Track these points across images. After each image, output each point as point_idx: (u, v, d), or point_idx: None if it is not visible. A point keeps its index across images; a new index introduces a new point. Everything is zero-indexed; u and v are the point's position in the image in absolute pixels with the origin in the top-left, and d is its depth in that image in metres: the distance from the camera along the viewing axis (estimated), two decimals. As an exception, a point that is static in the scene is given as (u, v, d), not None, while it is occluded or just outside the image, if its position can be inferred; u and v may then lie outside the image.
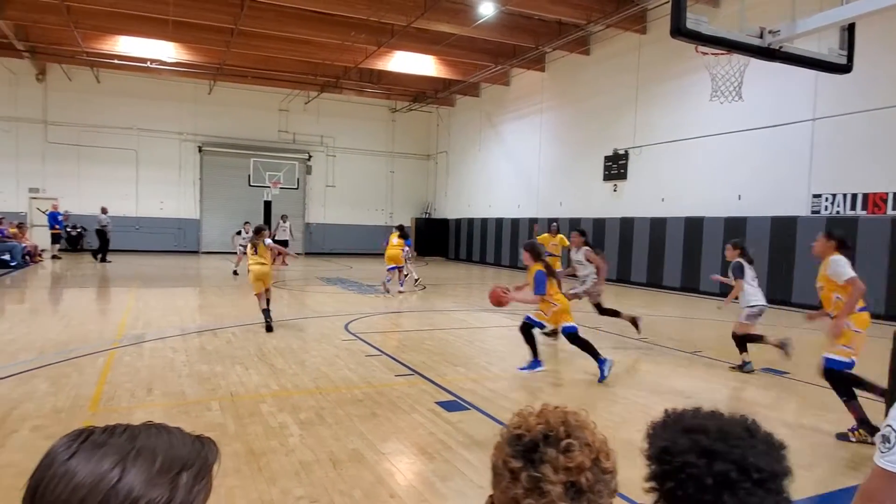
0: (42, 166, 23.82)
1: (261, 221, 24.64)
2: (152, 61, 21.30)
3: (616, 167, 18.06)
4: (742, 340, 6.92)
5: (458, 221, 27.71)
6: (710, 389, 6.20)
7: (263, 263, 8.99)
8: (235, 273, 16.84)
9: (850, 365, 4.67)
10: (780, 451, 0.97)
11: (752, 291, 6.95)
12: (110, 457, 0.68)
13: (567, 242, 13.37)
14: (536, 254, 6.48)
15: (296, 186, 26.49)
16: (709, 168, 15.07)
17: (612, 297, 15.26)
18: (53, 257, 20.79)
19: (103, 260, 20.09)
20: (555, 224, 13.83)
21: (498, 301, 6.39)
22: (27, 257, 18.28)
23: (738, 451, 0.93)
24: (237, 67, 22.32)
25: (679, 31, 5.68)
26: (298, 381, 6.01)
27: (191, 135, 25.96)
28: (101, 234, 20.53)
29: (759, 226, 13.54)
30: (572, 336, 6.30)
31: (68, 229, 23.29)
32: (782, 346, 6.70)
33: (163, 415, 4.81)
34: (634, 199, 17.39)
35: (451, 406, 5.23)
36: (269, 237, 9.56)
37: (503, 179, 24.22)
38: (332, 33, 18.12)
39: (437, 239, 28.60)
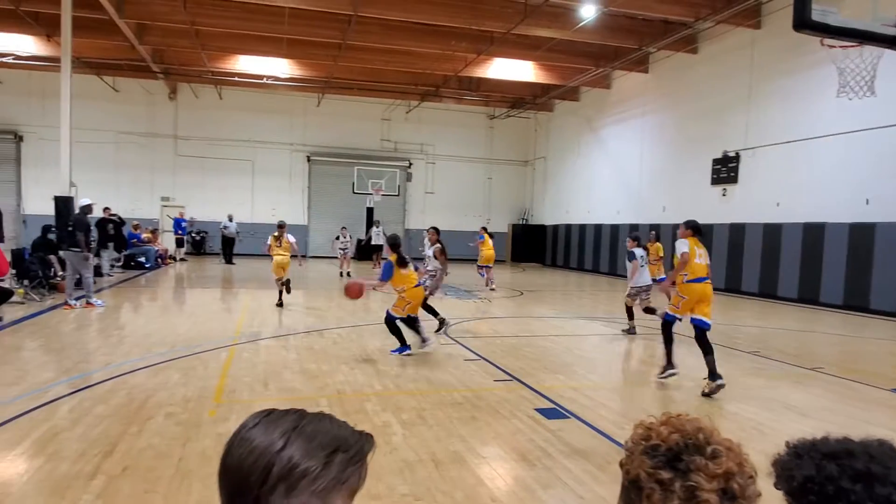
0: (172, 177, 26.21)
1: (363, 227, 25.72)
2: (268, 77, 22.85)
3: (725, 170, 17.11)
4: (638, 311, 9.35)
5: (555, 228, 27.37)
6: (831, 410, 5.73)
7: (284, 255, 11.45)
8: (341, 275, 17.76)
9: (674, 318, 6.44)
10: None
11: (636, 275, 9.31)
12: (280, 430, 0.84)
13: (663, 251, 13.20)
14: (392, 247, 7.60)
15: (397, 193, 27.27)
16: (832, 170, 13.90)
17: (720, 306, 14.47)
18: (181, 259, 22.78)
19: (229, 262, 21.94)
20: (653, 232, 13.73)
21: (356, 292, 7.19)
22: (159, 260, 20.15)
23: (895, 473, 0.88)
24: (344, 80, 23.41)
25: (804, 24, 5.30)
26: (400, 382, 6.22)
27: (300, 145, 27.53)
28: (224, 238, 22.57)
29: (891, 232, 12.34)
30: (389, 321, 7.41)
31: (192, 234, 25.47)
32: (650, 311, 9.10)
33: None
34: (746, 204, 16.38)
35: (550, 413, 5.21)
36: (288, 233, 11.94)
37: (603, 185, 23.64)
38: (433, 43, 18.57)
39: (534, 245, 28.40)
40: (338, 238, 20.19)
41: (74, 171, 14.28)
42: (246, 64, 21.91)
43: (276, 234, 11.75)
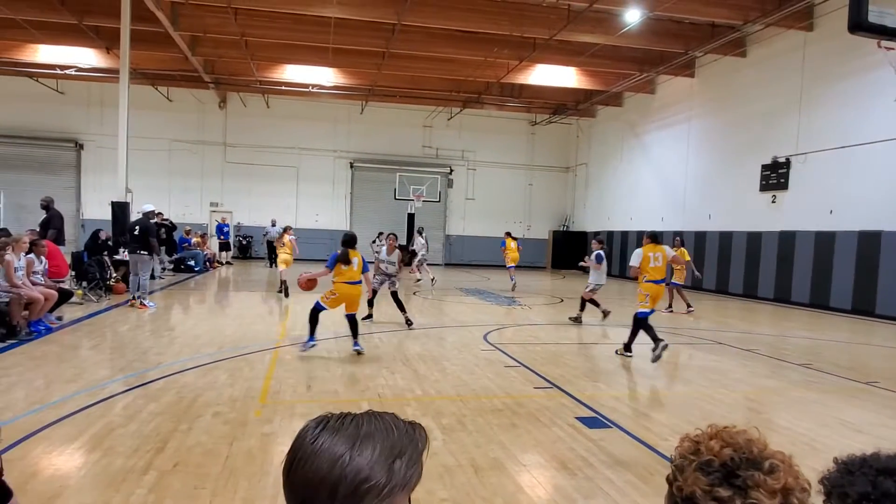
0: (221, 183, 27.03)
1: (404, 233, 25.93)
2: (313, 86, 23.34)
3: (775, 176, 16.60)
4: (584, 302, 11.00)
5: (596, 234, 27.01)
6: (887, 426, 5.49)
7: (288, 254, 13.76)
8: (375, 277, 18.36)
9: (646, 314, 7.66)
10: None
11: (598, 274, 11.03)
12: (343, 442, 0.86)
13: (688, 256, 13.79)
14: (345, 242, 7.96)
15: (437, 199, 27.42)
16: (888, 176, 13.31)
17: (768, 316, 14.05)
18: (227, 263, 23.43)
19: (273, 265, 22.58)
20: (678, 238, 14.27)
21: (305, 286, 7.74)
22: (207, 263, 20.77)
23: None
24: (387, 88, 23.72)
25: (860, 26, 5.15)
26: (440, 387, 6.25)
27: (344, 152, 28.01)
28: (269, 242, 23.19)
29: (957, 242, 11.75)
30: (314, 310, 7.73)
31: (240, 238, 26.17)
32: (604, 312, 11.12)
33: (320, 411, 5.27)
34: (796, 212, 15.85)
35: (591, 422, 5.16)
36: (291, 234, 14.02)
37: (646, 191, 23.24)
38: (475, 50, 18.64)
39: (575, 252, 28.02)
40: (374, 242, 20.64)
41: (130, 177, 14.87)
42: (292, 73, 22.48)
43: (280, 238, 14.14)
